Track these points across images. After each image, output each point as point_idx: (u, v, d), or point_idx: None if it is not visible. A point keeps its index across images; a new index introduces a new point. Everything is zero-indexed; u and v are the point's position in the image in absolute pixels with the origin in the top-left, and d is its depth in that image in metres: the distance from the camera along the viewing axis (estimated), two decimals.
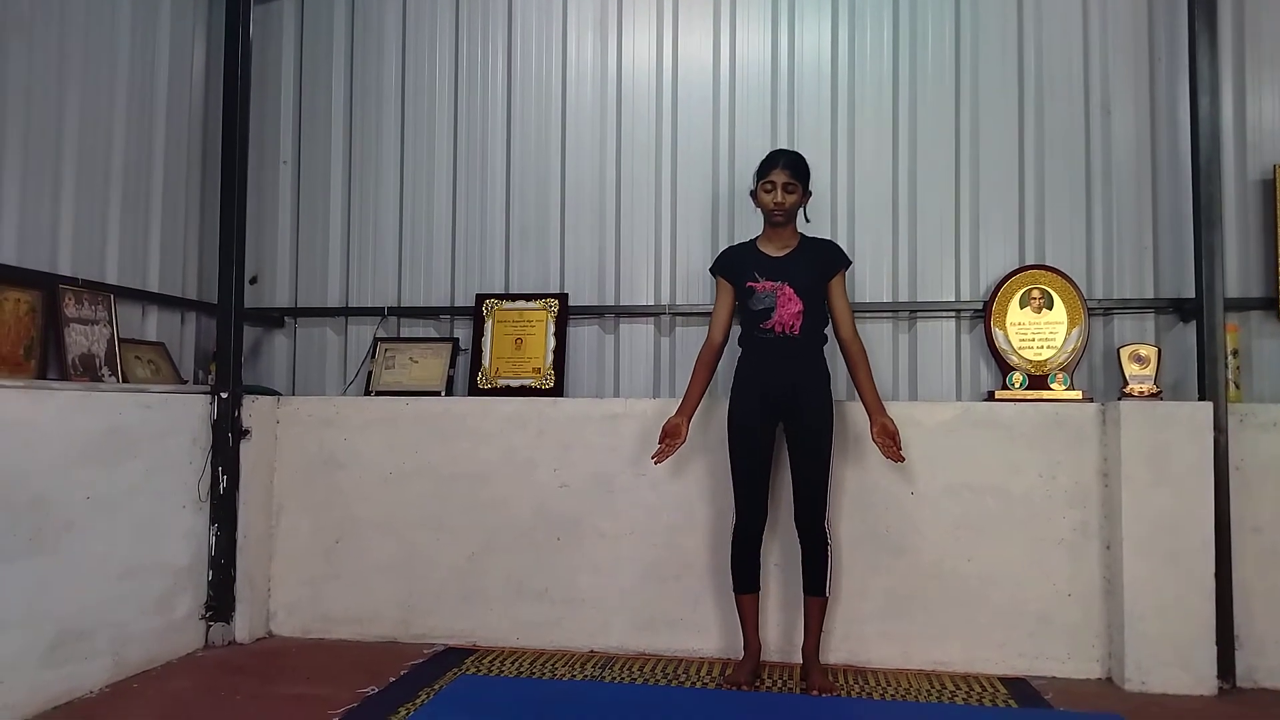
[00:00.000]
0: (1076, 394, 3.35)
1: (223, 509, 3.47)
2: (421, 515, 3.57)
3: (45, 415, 2.79)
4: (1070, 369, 3.44)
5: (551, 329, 3.77)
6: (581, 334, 3.87)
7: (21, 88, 3.02)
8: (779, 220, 3.07)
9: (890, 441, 3.01)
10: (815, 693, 2.93)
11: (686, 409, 3.12)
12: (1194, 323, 3.32)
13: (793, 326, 3.02)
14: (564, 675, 3.15)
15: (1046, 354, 3.47)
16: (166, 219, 3.67)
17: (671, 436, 3.08)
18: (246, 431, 3.54)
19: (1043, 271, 3.53)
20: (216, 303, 3.61)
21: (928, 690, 3.02)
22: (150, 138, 3.60)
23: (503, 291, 3.91)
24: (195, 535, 3.41)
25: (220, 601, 3.46)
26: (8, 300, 2.88)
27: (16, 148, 3.00)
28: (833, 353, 3.13)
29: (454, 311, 3.95)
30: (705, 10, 3.86)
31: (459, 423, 3.59)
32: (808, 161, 3.12)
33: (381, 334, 3.97)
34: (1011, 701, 2.91)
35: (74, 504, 2.87)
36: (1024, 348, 3.48)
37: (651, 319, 3.83)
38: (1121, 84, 3.58)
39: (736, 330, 3.21)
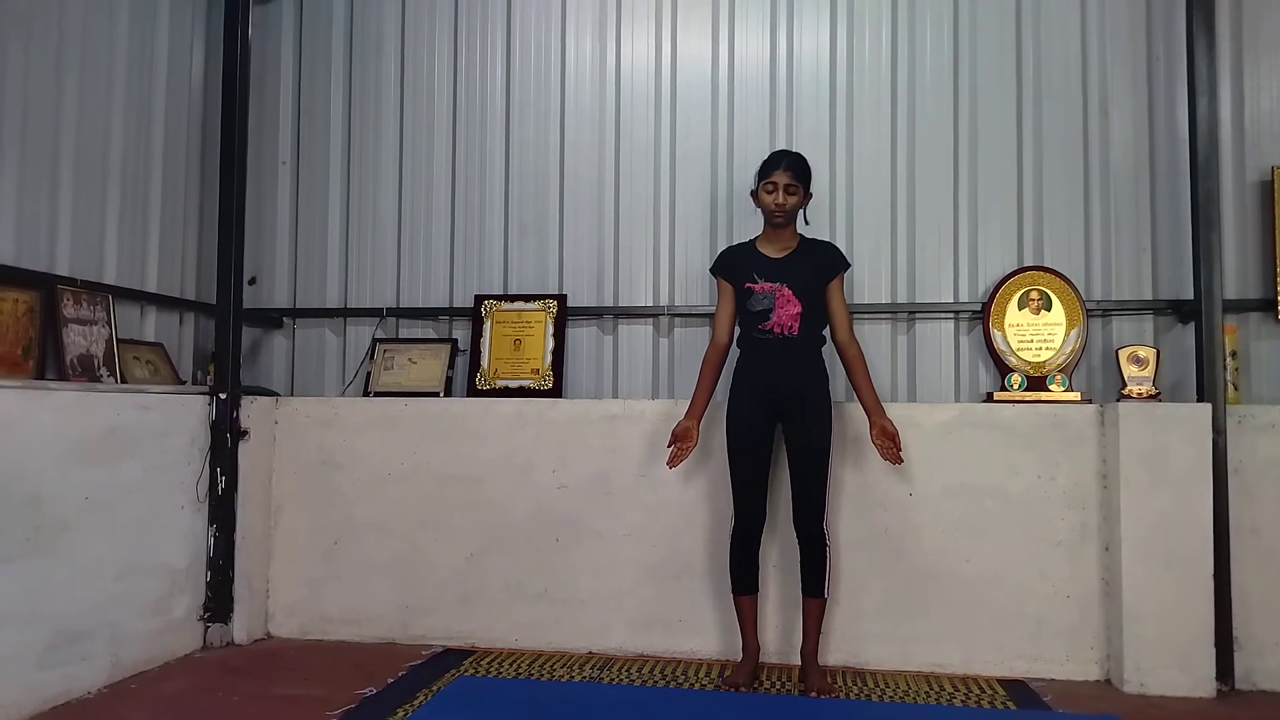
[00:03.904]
0: (1075, 395, 3.35)
1: (221, 510, 3.47)
2: (420, 516, 3.57)
3: (43, 415, 2.79)
4: (1069, 370, 3.44)
5: (550, 330, 3.77)
6: (580, 335, 3.87)
7: (19, 87, 3.01)
8: (779, 221, 3.07)
9: (890, 443, 3.02)
10: (814, 694, 2.93)
11: (695, 411, 3.12)
12: (1192, 324, 3.32)
13: (791, 327, 3.02)
14: (562, 677, 3.15)
15: (1045, 355, 3.47)
16: (165, 219, 3.66)
17: (683, 440, 3.08)
18: (245, 432, 3.54)
19: (1041, 273, 3.53)
20: (215, 303, 3.61)
21: (926, 692, 3.02)
22: (149, 137, 3.60)
23: (501, 292, 3.91)
24: (193, 536, 3.40)
25: (218, 602, 3.46)
26: (5, 300, 2.88)
27: (14, 147, 2.99)
28: (831, 354, 3.13)
29: (453, 312, 3.95)
30: (704, 11, 3.86)
31: (457, 424, 3.59)
32: (809, 163, 3.12)
33: (380, 335, 3.97)
34: (1010, 703, 2.90)
35: (72, 504, 2.87)
36: (1022, 349, 3.48)
37: (650, 320, 3.83)
38: (1120, 85, 3.59)
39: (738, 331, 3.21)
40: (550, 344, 3.76)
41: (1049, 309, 3.49)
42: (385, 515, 3.59)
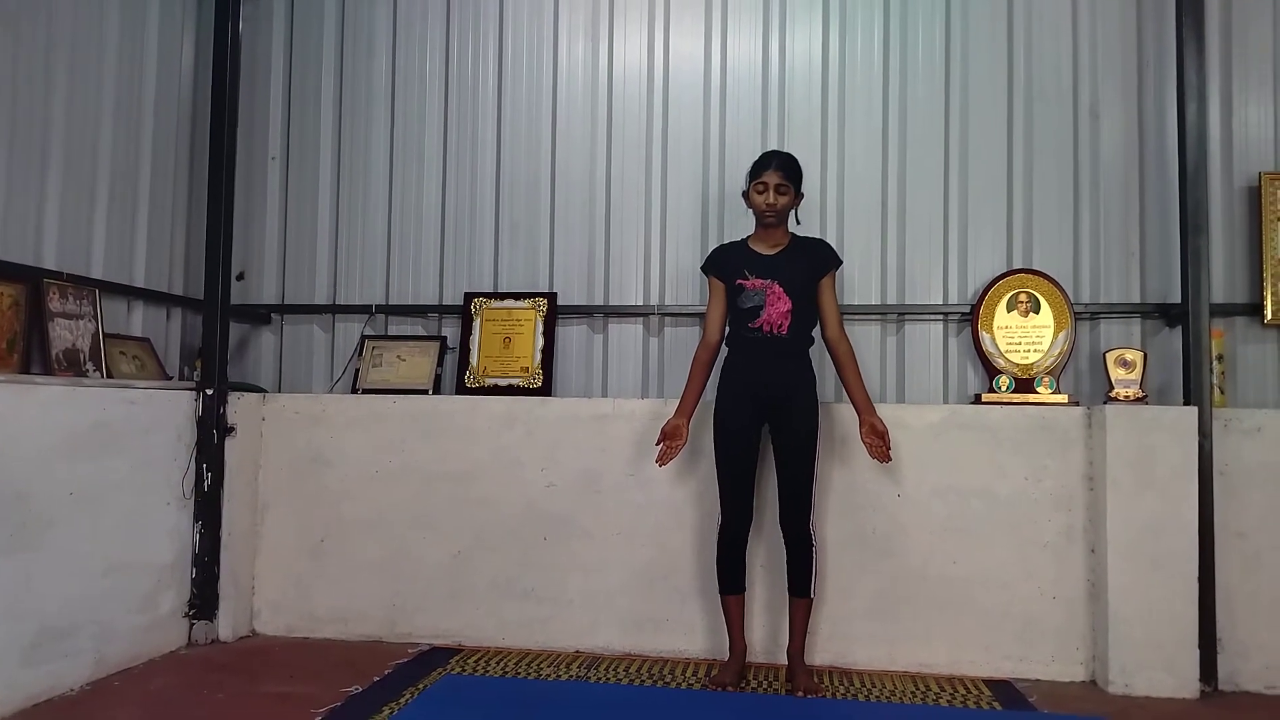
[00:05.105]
0: (1062, 398, 3.37)
1: (207, 506, 3.45)
2: (408, 514, 3.56)
3: (28, 410, 2.76)
4: (1056, 373, 3.45)
5: (540, 328, 3.76)
6: (570, 333, 3.86)
7: (8, 81, 2.99)
8: (770, 221, 3.07)
9: (879, 441, 3.03)
10: (800, 694, 2.94)
11: (685, 409, 3.12)
12: (1180, 328, 3.35)
13: (780, 326, 3.02)
14: (550, 675, 3.15)
15: (1033, 357, 3.48)
16: (153, 214, 3.64)
17: (672, 438, 3.08)
18: (232, 428, 3.52)
19: (1030, 275, 3.54)
20: (203, 298, 3.59)
21: (912, 692, 3.03)
22: (138, 132, 3.58)
23: (491, 290, 3.90)
24: (179, 532, 3.38)
25: (204, 599, 3.44)
26: None
27: (2, 140, 2.97)
28: (819, 354, 3.14)
29: (442, 310, 3.94)
30: (697, 11, 3.86)
31: (446, 421, 3.58)
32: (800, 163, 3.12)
33: (369, 332, 3.96)
34: (996, 704, 2.91)
35: (56, 500, 2.85)
36: (1011, 351, 3.50)
37: (640, 319, 3.83)
38: (1110, 90, 3.61)
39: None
40: (540, 342, 3.75)
41: (1038, 311, 3.50)
42: (373, 513, 3.58)
